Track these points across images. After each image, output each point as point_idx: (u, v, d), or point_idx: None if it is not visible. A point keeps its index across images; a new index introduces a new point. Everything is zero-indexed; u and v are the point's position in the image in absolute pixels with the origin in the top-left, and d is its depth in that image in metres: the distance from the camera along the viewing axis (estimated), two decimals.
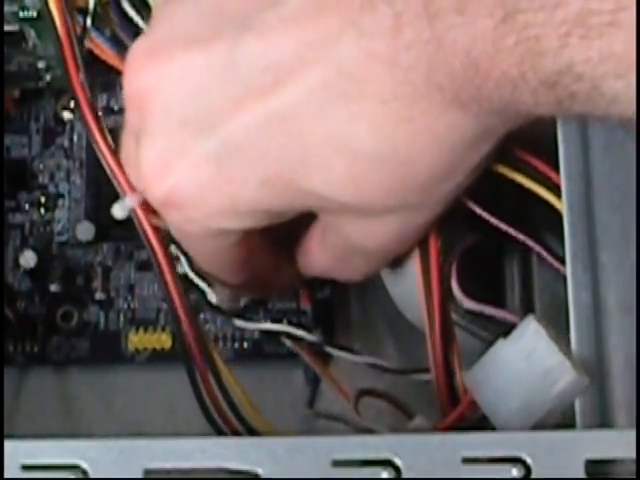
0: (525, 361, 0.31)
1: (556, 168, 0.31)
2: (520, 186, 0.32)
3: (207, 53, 0.28)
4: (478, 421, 0.32)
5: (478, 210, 0.33)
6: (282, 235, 0.34)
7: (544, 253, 0.34)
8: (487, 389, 0.31)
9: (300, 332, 0.40)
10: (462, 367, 0.33)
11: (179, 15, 0.29)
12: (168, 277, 0.32)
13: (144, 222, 0.32)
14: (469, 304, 0.37)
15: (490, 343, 0.32)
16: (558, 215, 0.31)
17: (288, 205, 0.29)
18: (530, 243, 0.34)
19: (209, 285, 0.41)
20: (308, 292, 0.44)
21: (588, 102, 0.24)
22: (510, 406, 0.31)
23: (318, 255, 0.34)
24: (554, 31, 0.23)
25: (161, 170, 0.29)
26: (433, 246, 0.33)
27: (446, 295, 0.34)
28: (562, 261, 0.32)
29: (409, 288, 0.39)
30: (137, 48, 0.30)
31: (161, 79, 0.29)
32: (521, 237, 0.34)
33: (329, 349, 0.40)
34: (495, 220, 0.33)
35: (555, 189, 0.31)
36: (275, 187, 0.28)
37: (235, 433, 0.33)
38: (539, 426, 0.30)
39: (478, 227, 0.36)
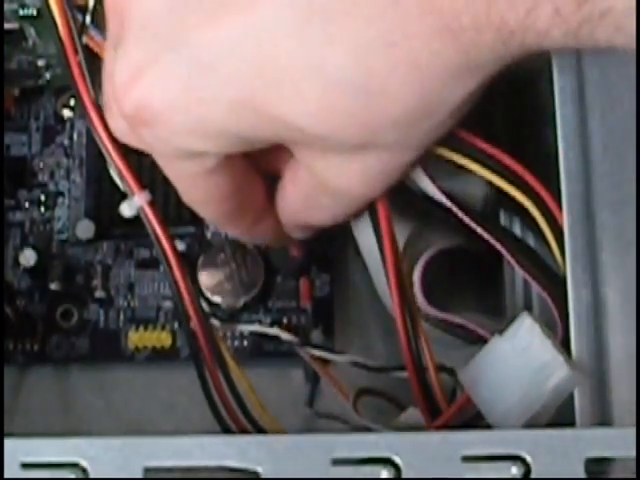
0: (519, 357, 0.31)
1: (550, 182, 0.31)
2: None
3: None
4: (473, 418, 0.32)
5: (454, 214, 0.33)
6: (266, 172, 0.33)
7: (512, 260, 0.33)
8: (482, 386, 0.31)
9: (285, 335, 0.40)
10: (435, 363, 0.33)
11: None
12: (178, 275, 0.32)
13: (153, 220, 0.32)
14: (431, 311, 0.37)
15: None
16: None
17: (258, 132, 0.28)
18: (501, 249, 0.34)
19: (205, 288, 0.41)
20: (298, 244, 0.43)
21: (614, 28, 0.23)
22: (505, 402, 0.31)
23: (290, 193, 0.33)
24: None
25: (130, 81, 0.28)
26: (385, 224, 0.32)
27: (407, 292, 0.34)
28: (530, 273, 0.32)
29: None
30: None
31: None
32: (496, 245, 0.33)
33: (312, 350, 0.39)
34: (474, 225, 0.33)
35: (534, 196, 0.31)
36: (245, 110, 0.27)
37: (243, 432, 0.33)
38: (534, 422, 0.30)
39: (447, 233, 0.36)
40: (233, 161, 0.30)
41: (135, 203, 0.32)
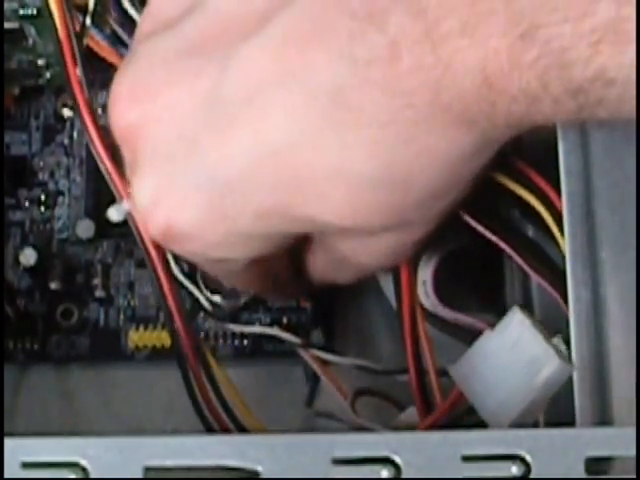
0: (510, 351, 0.31)
1: (549, 179, 0.31)
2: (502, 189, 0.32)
3: (191, 91, 0.28)
4: (466, 413, 0.32)
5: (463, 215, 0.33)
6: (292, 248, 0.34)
7: (518, 259, 0.34)
8: (474, 380, 0.31)
9: (286, 335, 0.40)
10: (435, 367, 0.33)
11: (160, 50, 0.29)
12: (162, 277, 0.32)
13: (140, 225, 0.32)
14: (443, 311, 0.37)
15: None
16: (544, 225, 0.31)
17: (285, 231, 0.29)
18: (507, 249, 0.34)
19: (205, 287, 0.41)
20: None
21: (616, 106, 0.24)
22: (497, 396, 0.31)
23: (314, 264, 0.34)
24: (583, 41, 0.23)
25: (152, 208, 0.29)
26: None
27: (414, 298, 0.34)
28: (537, 270, 0.32)
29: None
30: (119, 86, 0.29)
31: (147, 120, 0.28)
32: (502, 245, 0.34)
33: (315, 352, 0.40)
34: (477, 225, 0.33)
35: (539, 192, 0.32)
36: (270, 218, 0.28)
37: (226, 431, 0.33)
38: (527, 414, 0.30)
39: (459, 232, 0.36)
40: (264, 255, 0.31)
41: (123, 208, 0.32)
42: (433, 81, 0.25)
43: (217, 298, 0.43)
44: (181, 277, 0.39)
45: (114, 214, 0.32)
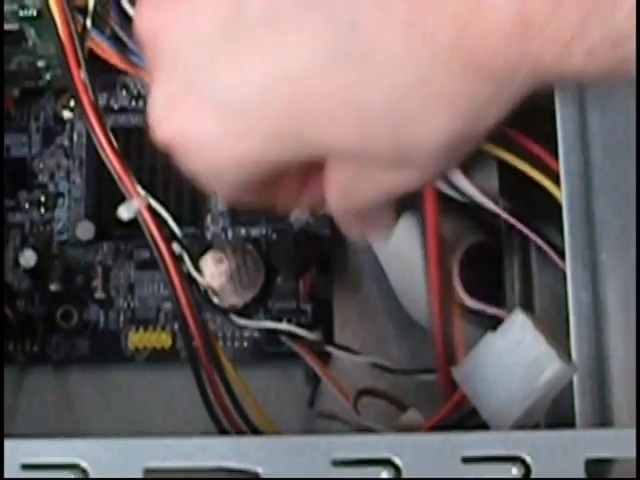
0: (513, 353, 0.31)
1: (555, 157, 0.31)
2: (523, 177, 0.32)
3: (215, 5, 0.27)
4: (469, 414, 0.32)
5: (484, 201, 0.33)
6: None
7: (545, 247, 0.34)
8: (476, 382, 0.32)
9: (302, 331, 0.40)
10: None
11: None
12: (175, 278, 0.32)
13: (151, 224, 0.32)
14: (470, 302, 0.38)
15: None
16: (558, 208, 0.31)
17: (294, 157, 0.29)
18: (532, 236, 0.34)
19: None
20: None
21: None
22: (499, 397, 0.31)
23: (327, 189, 0.33)
24: None
25: (166, 115, 0.29)
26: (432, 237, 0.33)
27: (447, 289, 0.34)
28: (562, 256, 0.32)
29: (412, 284, 0.39)
30: None
31: (169, 25, 0.28)
32: (525, 231, 0.34)
33: (330, 349, 0.40)
34: (501, 212, 0.33)
35: (554, 177, 0.32)
36: (281, 142, 0.28)
37: (239, 433, 0.33)
38: (529, 415, 0.30)
39: (482, 225, 0.36)
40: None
41: (133, 206, 0.32)
42: (459, 20, 0.24)
43: (217, 299, 0.43)
44: (195, 273, 0.39)
45: (124, 213, 0.32)
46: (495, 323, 0.36)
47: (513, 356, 0.31)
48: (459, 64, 0.25)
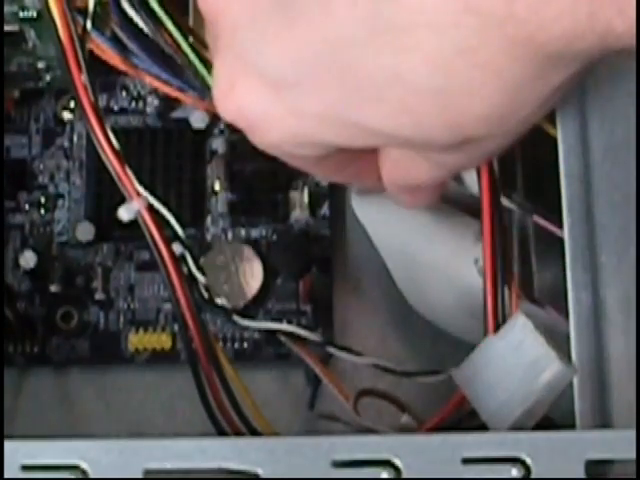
0: (513, 354, 0.31)
1: None
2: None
3: None
4: (469, 415, 0.32)
5: None
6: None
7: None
8: (476, 383, 0.32)
9: (302, 332, 0.40)
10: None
11: None
12: (175, 280, 0.32)
13: (151, 225, 0.32)
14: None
15: None
16: None
17: (348, 142, 0.29)
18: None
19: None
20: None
21: None
22: (498, 398, 0.31)
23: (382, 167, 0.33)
24: None
25: (226, 91, 0.29)
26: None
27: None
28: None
29: (420, 280, 0.39)
30: None
31: (229, 2, 0.28)
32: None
33: (332, 350, 0.40)
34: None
35: None
36: (332, 122, 0.28)
37: (239, 434, 0.33)
38: (528, 417, 0.30)
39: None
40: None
41: (133, 208, 0.32)
42: None
43: (216, 300, 0.43)
44: (197, 273, 0.39)
45: (124, 214, 0.32)
46: None
47: (513, 357, 0.31)
48: (507, 34, 0.24)
